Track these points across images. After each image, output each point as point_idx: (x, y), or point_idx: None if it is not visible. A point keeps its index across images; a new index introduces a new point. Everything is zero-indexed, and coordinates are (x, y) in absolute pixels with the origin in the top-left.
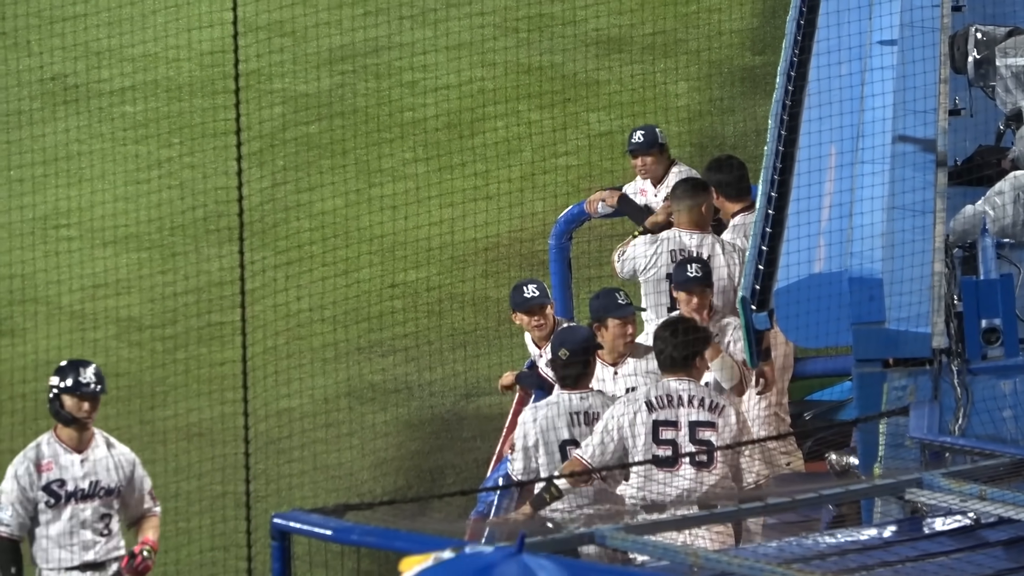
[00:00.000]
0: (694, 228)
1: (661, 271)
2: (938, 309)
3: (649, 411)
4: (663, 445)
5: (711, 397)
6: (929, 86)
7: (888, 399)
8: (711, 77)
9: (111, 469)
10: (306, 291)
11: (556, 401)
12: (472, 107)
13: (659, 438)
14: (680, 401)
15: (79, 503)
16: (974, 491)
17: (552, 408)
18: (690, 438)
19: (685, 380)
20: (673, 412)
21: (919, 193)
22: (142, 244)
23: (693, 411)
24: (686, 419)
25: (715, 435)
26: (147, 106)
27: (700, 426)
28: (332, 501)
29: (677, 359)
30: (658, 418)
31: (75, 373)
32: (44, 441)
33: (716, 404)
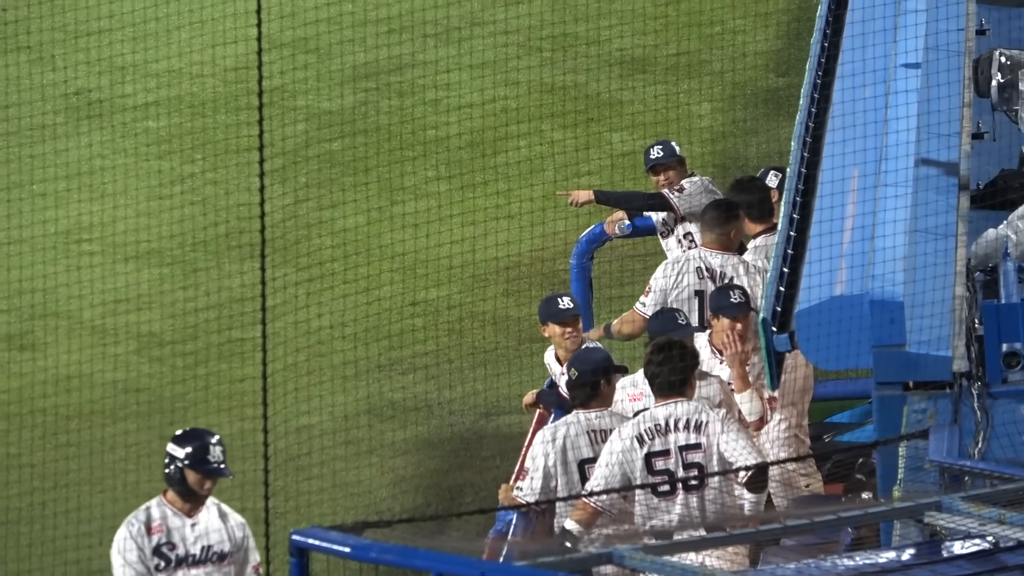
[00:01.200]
0: (721, 249)
1: (689, 290)
2: (959, 332)
3: (640, 445)
4: (658, 476)
5: (695, 415)
6: (953, 109)
7: (908, 422)
8: (734, 98)
9: (223, 534)
10: (327, 308)
11: (573, 420)
12: (495, 126)
13: (654, 470)
14: (667, 428)
15: (190, 568)
16: (993, 515)
17: (571, 427)
18: (681, 464)
19: (673, 403)
20: (662, 441)
21: (941, 216)
22: (164, 260)
23: (680, 435)
24: (675, 445)
25: (703, 456)
26: (170, 122)
27: (687, 449)
28: (351, 518)
29: (671, 384)
30: (650, 451)
31: (203, 450)
32: (153, 505)
33: (700, 422)
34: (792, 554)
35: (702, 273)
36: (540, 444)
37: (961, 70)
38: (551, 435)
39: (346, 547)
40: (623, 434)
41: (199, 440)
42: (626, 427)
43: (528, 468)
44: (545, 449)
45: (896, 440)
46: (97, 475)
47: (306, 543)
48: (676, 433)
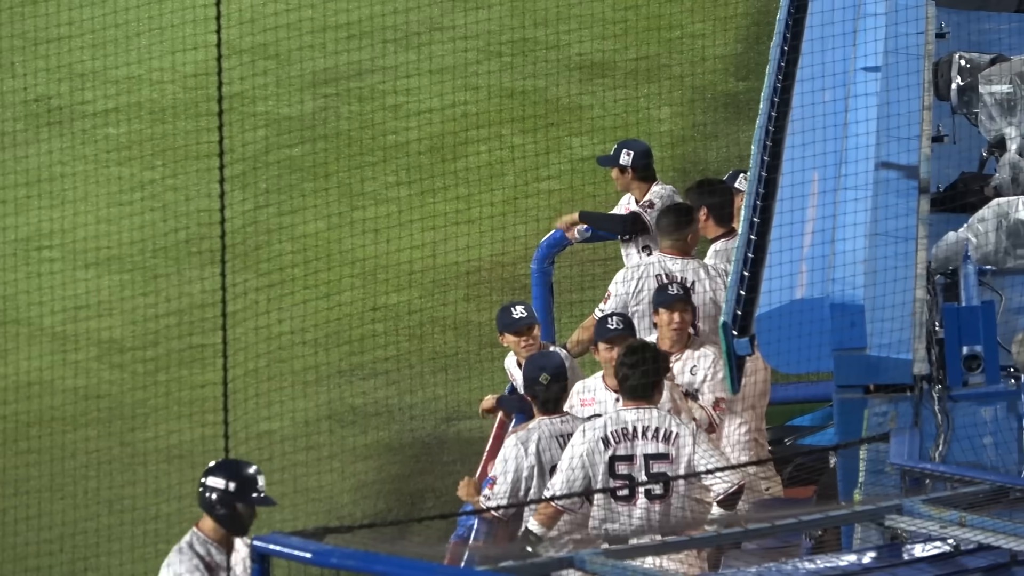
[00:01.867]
0: (678, 254)
1: (649, 296)
2: (919, 336)
3: (605, 447)
4: (619, 480)
5: (666, 425)
6: (912, 113)
7: (869, 425)
8: (694, 102)
9: (247, 562)
10: (288, 314)
11: (546, 424)
12: (455, 131)
13: (615, 473)
14: (635, 433)
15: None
16: (954, 518)
17: (542, 431)
18: (645, 471)
19: (643, 409)
20: (628, 446)
21: (902, 220)
22: (124, 266)
23: (648, 443)
24: (640, 452)
25: (669, 466)
26: (130, 128)
27: (654, 459)
28: (312, 524)
29: (641, 387)
30: (614, 453)
31: (252, 482)
32: (196, 542)
33: (670, 433)
34: (753, 558)
35: (662, 279)
36: (512, 449)
37: (921, 73)
38: (523, 441)
39: (307, 553)
40: (587, 435)
41: (244, 471)
42: (591, 428)
43: (496, 475)
44: (518, 455)
45: (857, 443)
46: (58, 482)
47: (267, 549)
48: (644, 440)
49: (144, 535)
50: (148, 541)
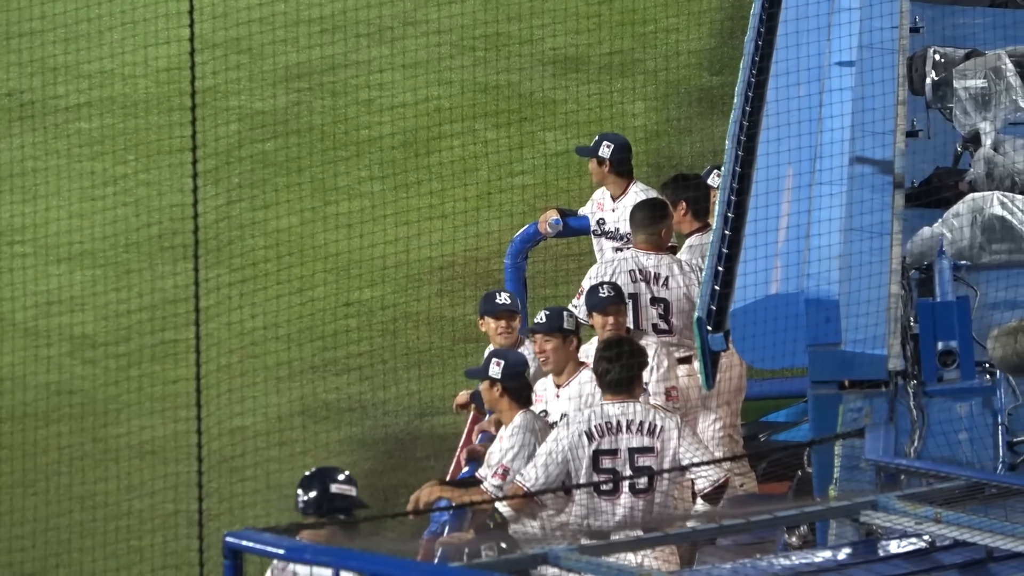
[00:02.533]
0: (652, 249)
1: (621, 286)
2: (894, 331)
3: (589, 441)
4: (603, 474)
5: (650, 419)
6: (887, 107)
7: (844, 421)
8: (668, 97)
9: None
10: (260, 309)
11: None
12: (428, 125)
13: (599, 467)
14: (619, 427)
15: None
16: (929, 514)
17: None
18: (629, 465)
19: (626, 403)
20: (612, 439)
21: (876, 215)
22: (96, 261)
23: (632, 437)
24: (625, 446)
25: (654, 460)
26: (103, 123)
27: (638, 452)
28: (285, 520)
29: (620, 381)
30: (598, 448)
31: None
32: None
33: (654, 427)
34: (728, 554)
35: (635, 276)
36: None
37: (895, 68)
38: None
39: (280, 549)
40: (570, 427)
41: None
42: (575, 421)
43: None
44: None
45: (832, 439)
46: (29, 478)
47: (240, 545)
48: (628, 434)
49: (116, 531)
50: (120, 537)
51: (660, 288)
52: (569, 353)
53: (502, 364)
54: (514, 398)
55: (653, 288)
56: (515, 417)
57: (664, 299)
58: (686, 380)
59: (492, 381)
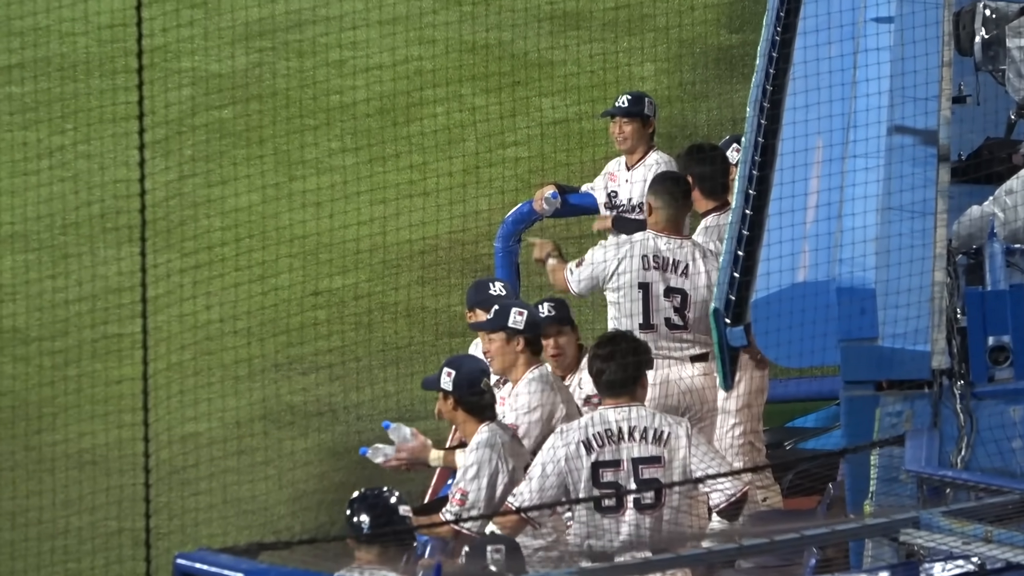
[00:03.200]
0: (670, 232)
1: (632, 277)
2: (939, 324)
3: (588, 452)
4: (605, 489)
5: (655, 424)
6: (930, 70)
7: (881, 427)
8: (681, 58)
9: None
10: (216, 299)
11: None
12: (408, 90)
13: (600, 481)
14: (621, 435)
15: None
16: (978, 532)
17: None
18: (633, 478)
19: (625, 408)
20: (614, 449)
21: (918, 192)
22: (29, 244)
23: (636, 446)
24: (627, 456)
25: (661, 471)
26: (37, 87)
27: (643, 463)
28: (244, 539)
29: (618, 383)
30: (598, 459)
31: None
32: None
33: (661, 433)
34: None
35: (648, 262)
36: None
37: (940, 25)
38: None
39: (239, 572)
40: (566, 437)
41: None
42: (570, 430)
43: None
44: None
45: (867, 447)
46: None
47: (193, 568)
48: (631, 443)
49: (52, 552)
50: (56, 559)
51: (679, 277)
52: (516, 353)
53: (453, 374)
54: (471, 411)
55: (669, 277)
56: (475, 432)
57: (682, 290)
58: (701, 380)
59: (444, 393)
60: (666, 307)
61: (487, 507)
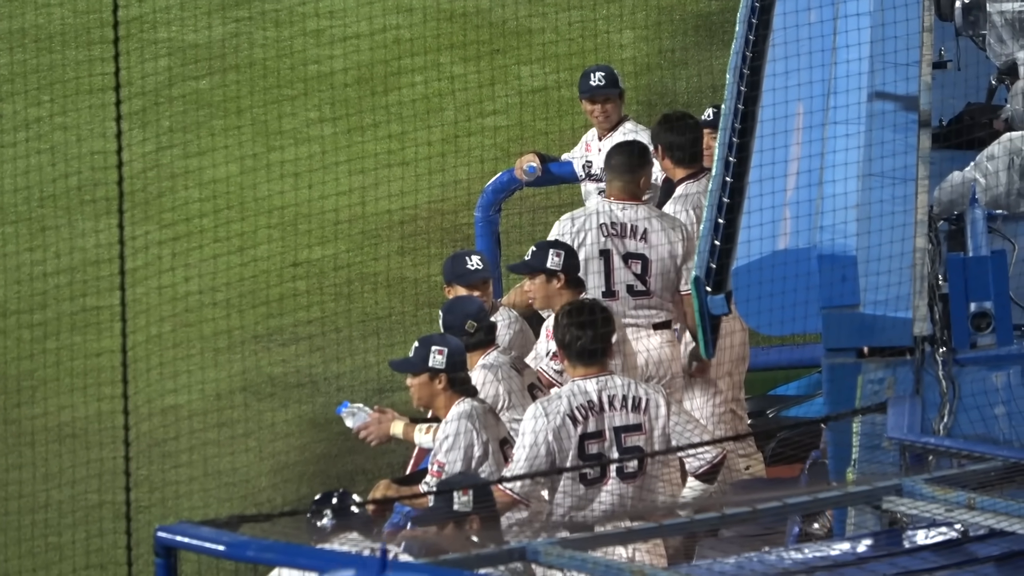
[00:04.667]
0: (628, 199)
1: (592, 249)
2: (920, 291)
3: (575, 425)
4: (590, 460)
5: (633, 392)
6: (911, 35)
7: (863, 394)
8: (660, 25)
9: None
10: (195, 271)
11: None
12: (386, 59)
13: (586, 454)
14: (601, 406)
15: None
16: (961, 499)
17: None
18: (617, 447)
19: (602, 377)
20: (596, 420)
21: (899, 158)
22: (6, 217)
23: (617, 415)
24: (610, 425)
25: (643, 439)
26: (12, 59)
27: (625, 431)
28: (225, 512)
29: (593, 352)
30: (584, 431)
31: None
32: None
33: (639, 400)
34: (732, 547)
35: (607, 229)
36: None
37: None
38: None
39: (220, 545)
40: (550, 409)
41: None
42: (550, 402)
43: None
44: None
45: (849, 415)
46: None
47: (174, 541)
48: (611, 412)
49: (32, 526)
50: (36, 533)
51: (638, 242)
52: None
53: (445, 351)
54: (456, 388)
55: (628, 243)
56: (452, 407)
57: (642, 255)
58: (667, 348)
59: (433, 373)
60: (627, 274)
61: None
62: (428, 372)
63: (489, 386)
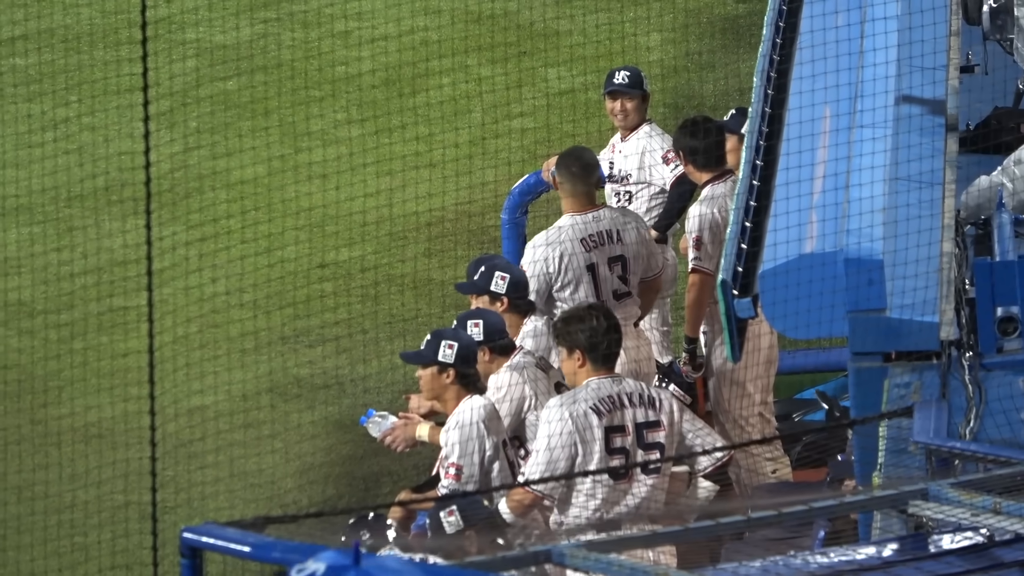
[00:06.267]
0: (589, 207)
1: (579, 270)
2: (947, 295)
3: (599, 418)
4: (616, 455)
5: (646, 391)
6: (938, 39)
7: (889, 398)
8: (688, 28)
9: None
10: (222, 272)
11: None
12: (414, 61)
13: (612, 447)
14: (621, 401)
15: None
16: (987, 504)
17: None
18: (639, 442)
19: (613, 377)
20: (619, 415)
21: (926, 162)
22: (34, 217)
23: (637, 410)
24: (632, 420)
25: (663, 435)
26: (41, 59)
27: (647, 428)
28: (251, 513)
29: (610, 356)
30: (609, 423)
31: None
32: None
33: (653, 399)
34: (757, 550)
35: (588, 243)
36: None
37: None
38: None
39: (245, 546)
40: (570, 409)
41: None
42: (570, 401)
43: (459, 461)
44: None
45: (876, 419)
46: None
47: (199, 541)
48: (632, 408)
49: (58, 526)
50: (63, 533)
51: (615, 245)
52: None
53: (455, 346)
54: (465, 384)
55: (609, 249)
56: (459, 405)
57: (621, 255)
58: (643, 349)
59: (442, 367)
60: (613, 280)
61: (481, 480)
62: (437, 365)
63: (516, 387)
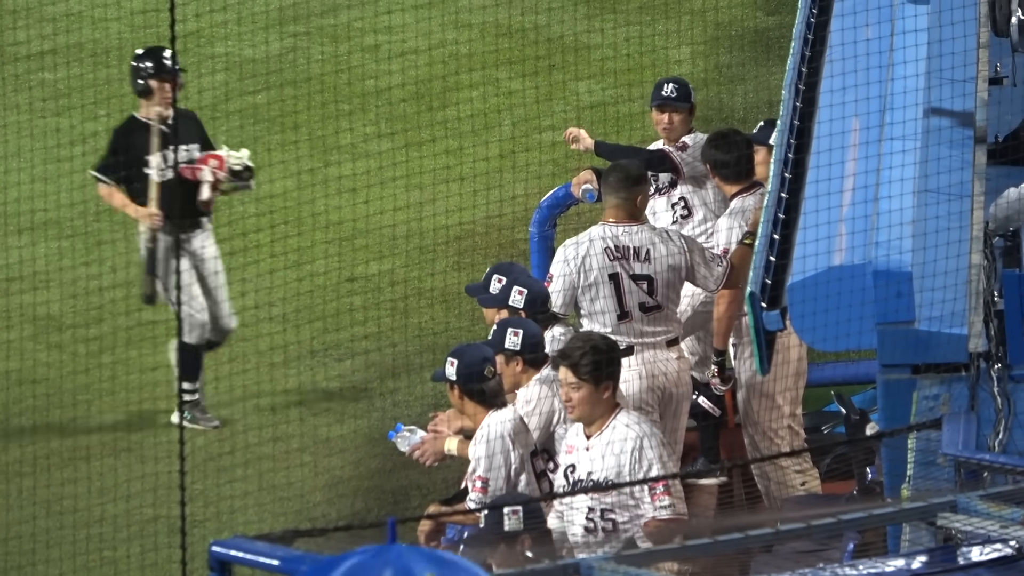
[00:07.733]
0: (625, 220)
1: (601, 274)
2: (976, 307)
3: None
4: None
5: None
6: (967, 51)
7: (918, 410)
8: (718, 40)
9: None
10: (251, 285)
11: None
12: (443, 75)
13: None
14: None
15: None
16: (1016, 516)
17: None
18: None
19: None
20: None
21: (955, 174)
22: (63, 231)
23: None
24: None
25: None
26: (70, 73)
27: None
28: (280, 526)
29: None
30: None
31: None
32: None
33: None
34: (787, 563)
35: (612, 253)
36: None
37: (977, 6)
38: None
39: (274, 559)
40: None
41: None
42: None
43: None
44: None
45: (905, 431)
46: None
47: (228, 555)
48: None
49: (87, 540)
50: (92, 547)
51: (641, 264)
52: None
53: (456, 363)
54: (477, 399)
55: (634, 265)
56: (486, 418)
57: (647, 275)
58: (676, 364)
59: (450, 384)
60: (637, 292)
61: (508, 493)
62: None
63: (545, 401)
